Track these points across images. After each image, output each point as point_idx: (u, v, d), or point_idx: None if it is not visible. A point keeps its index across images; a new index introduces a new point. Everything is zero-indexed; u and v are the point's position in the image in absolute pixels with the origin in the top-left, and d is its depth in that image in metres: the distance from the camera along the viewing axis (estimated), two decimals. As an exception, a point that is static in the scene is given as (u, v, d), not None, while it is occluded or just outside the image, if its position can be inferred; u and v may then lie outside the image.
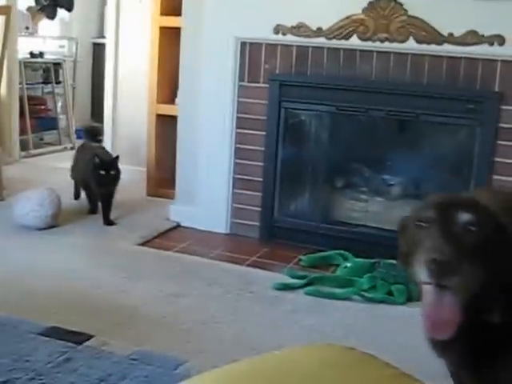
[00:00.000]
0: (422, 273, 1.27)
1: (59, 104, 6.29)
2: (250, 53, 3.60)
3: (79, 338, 2.38)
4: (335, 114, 3.55)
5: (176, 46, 3.91)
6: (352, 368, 1.32)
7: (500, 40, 3.13)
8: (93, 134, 4.30)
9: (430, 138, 3.50)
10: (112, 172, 3.75)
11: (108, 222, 3.79)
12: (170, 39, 4.27)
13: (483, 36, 3.15)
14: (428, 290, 1.29)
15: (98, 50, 6.79)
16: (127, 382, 2.13)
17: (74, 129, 6.28)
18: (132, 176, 4.75)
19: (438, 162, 3.46)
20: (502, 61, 3.18)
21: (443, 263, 1.24)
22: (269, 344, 2.42)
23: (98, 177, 3.72)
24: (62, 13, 6.29)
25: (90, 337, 2.39)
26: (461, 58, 3.23)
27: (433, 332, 1.31)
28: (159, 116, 4.46)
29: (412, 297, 2.94)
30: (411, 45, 3.27)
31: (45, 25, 6.20)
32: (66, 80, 6.27)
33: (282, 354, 1.40)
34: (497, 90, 3.21)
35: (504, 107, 3.20)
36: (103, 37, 6.24)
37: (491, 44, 3.14)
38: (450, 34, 3.20)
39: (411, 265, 1.34)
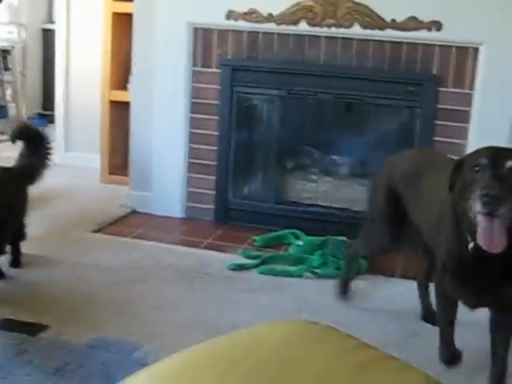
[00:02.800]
0: (477, 205, 1.72)
1: (8, 92, 6.16)
2: (203, 38, 3.64)
3: (33, 329, 2.34)
4: (285, 98, 3.63)
5: (128, 32, 3.90)
6: (317, 341, 1.36)
7: (438, 26, 3.28)
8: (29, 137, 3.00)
9: (374, 120, 3.63)
10: None
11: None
12: (122, 25, 4.26)
13: (422, 22, 3.29)
14: (481, 219, 1.74)
15: (48, 36, 6.67)
16: (84, 369, 2.12)
17: (24, 117, 6.22)
18: (86, 163, 4.76)
19: (382, 141, 3.58)
20: (440, 45, 3.34)
21: (493, 196, 1.68)
22: (225, 324, 2.48)
23: None
24: (9, -2, 6.20)
25: (44, 327, 2.36)
26: (402, 42, 3.37)
27: (488, 248, 1.75)
28: (112, 102, 4.46)
29: (360, 271, 3.06)
30: (357, 30, 3.38)
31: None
32: (15, 67, 6.16)
33: (246, 333, 1.41)
34: (435, 72, 3.37)
35: (441, 89, 3.37)
36: (52, 22, 6.16)
37: (430, 29, 3.28)
38: (393, 20, 3.33)
39: (466, 199, 1.79)
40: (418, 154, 2.71)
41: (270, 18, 3.47)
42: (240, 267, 3.09)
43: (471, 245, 1.83)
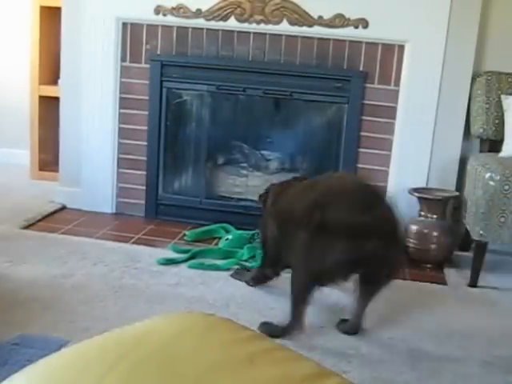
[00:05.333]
0: None
1: None
2: (132, 33, 3.63)
3: None
4: (215, 94, 3.65)
5: (57, 26, 3.86)
6: (209, 332, 1.35)
7: (364, 23, 3.36)
8: None
9: (303, 115, 3.68)
10: None
11: None
12: (50, 19, 4.21)
13: (349, 19, 3.36)
14: None
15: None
16: (8, 367, 2.07)
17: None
18: (15, 159, 4.69)
19: (311, 137, 3.65)
20: (366, 42, 3.42)
21: None
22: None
23: None
24: None
25: None
26: (329, 39, 3.44)
27: None
28: (42, 97, 4.39)
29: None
30: (285, 27, 3.43)
31: None
32: None
33: (139, 325, 1.40)
34: (361, 69, 3.45)
35: (368, 85, 3.45)
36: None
37: (356, 27, 3.36)
38: (320, 17, 3.39)
39: None
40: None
41: (198, 13, 3.49)
42: (169, 262, 3.10)
43: None
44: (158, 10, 3.52)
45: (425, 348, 2.48)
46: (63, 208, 3.84)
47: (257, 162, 3.83)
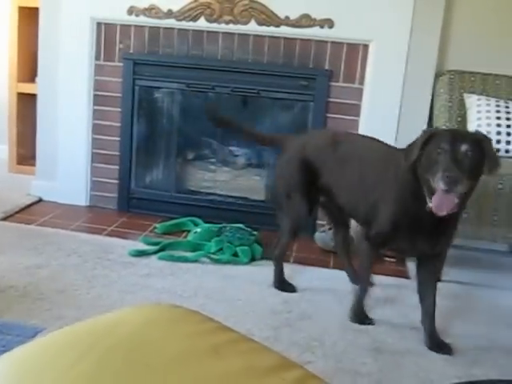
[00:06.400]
0: (439, 183, 2.17)
1: None
2: (106, 33, 3.72)
3: None
4: (185, 91, 3.74)
5: (35, 26, 3.91)
6: (176, 323, 1.37)
7: (330, 23, 3.46)
8: None
9: (270, 113, 3.77)
10: None
11: None
12: (28, 18, 4.28)
13: (315, 19, 3.47)
14: (439, 191, 2.20)
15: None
16: None
17: None
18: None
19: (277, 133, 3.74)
20: (332, 42, 3.52)
21: (452, 178, 2.14)
22: (124, 307, 2.56)
23: None
24: None
25: None
26: (296, 39, 3.54)
27: (437, 211, 2.23)
28: (20, 94, 4.47)
29: (255, 257, 3.25)
30: (253, 27, 3.54)
31: None
32: None
33: (108, 316, 1.41)
34: (327, 68, 3.55)
35: (332, 84, 3.56)
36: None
37: (322, 27, 3.47)
38: (287, 17, 3.49)
39: (429, 175, 2.23)
40: (325, 132, 3.17)
41: (169, 13, 3.58)
42: (140, 253, 3.18)
43: (430, 204, 2.27)
44: (131, 11, 3.61)
45: (388, 340, 2.54)
46: (39, 201, 3.92)
47: (225, 158, 3.92)
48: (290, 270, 3.11)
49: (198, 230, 3.43)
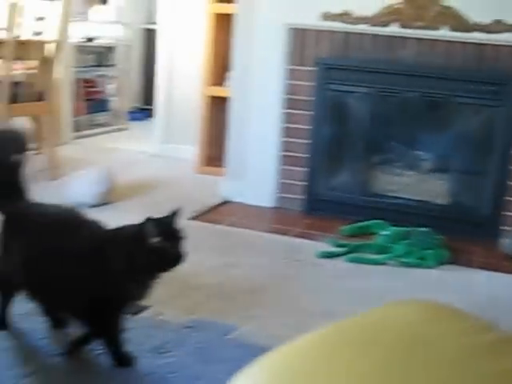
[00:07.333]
0: None
1: (111, 86, 6.50)
2: (299, 38, 3.81)
3: (135, 309, 2.36)
4: (374, 96, 3.75)
5: (226, 32, 4.10)
6: (446, 321, 1.34)
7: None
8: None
9: (457, 118, 3.68)
10: None
11: None
12: (221, 25, 4.49)
13: (507, 24, 3.38)
14: None
15: (148, 36, 7.05)
16: (183, 348, 2.17)
17: (125, 110, 6.59)
18: (181, 155, 5.04)
19: (463, 139, 3.66)
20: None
21: None
22: (319, 307, 2.57)
23: None
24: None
25: (145, 308, 2.40)
26: (487, 44, 3.46)
27: None
28: (209, 97, 4.69)
29: (442, 261, 3.21)
30: (444, 32, 3.51)
31: (98, 10, 6.39)
32: (119, 63, 6.51)
33: (370, 315, 1.38)
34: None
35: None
36: (153, 23, 6.47)
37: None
38: (478, 23, 3.42)
39: None
40: None
41: (362, 19, 3.63)
42: (328, 255, 3.21)
43: None
44: (325, 16, 3.69)
45: None
46: (227, 201, 4.05)
47: (411, 162, 3.88)
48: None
49: (385, 232, 3.43)
